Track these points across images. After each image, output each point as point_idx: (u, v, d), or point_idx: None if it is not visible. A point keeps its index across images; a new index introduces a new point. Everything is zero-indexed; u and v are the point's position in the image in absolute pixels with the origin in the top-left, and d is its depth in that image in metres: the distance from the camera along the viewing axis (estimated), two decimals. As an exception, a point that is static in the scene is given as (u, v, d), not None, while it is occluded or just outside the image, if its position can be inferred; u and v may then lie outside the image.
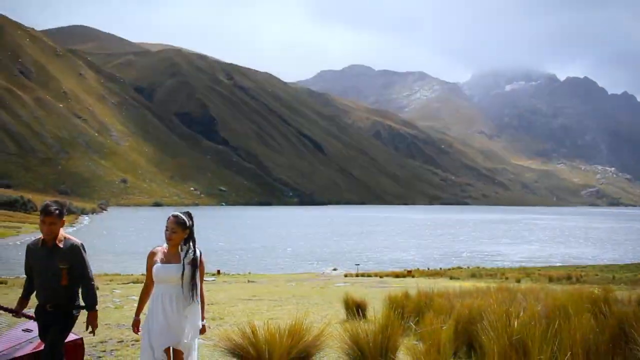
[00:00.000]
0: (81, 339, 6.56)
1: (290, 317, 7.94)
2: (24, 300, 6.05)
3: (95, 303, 5.90)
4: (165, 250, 5.57)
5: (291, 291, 20.95)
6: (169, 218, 5.58)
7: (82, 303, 6.01)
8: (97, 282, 21.57)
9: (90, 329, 5.93)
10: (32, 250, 5.94)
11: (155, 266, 5.48)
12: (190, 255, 5.58)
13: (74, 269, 5.77)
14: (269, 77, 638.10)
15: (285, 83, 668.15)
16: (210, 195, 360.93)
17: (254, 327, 5.95)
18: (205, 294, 5.11)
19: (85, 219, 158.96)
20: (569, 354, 4.83)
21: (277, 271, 56.87)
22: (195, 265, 5.58)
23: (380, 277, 39.61)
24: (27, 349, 6.02)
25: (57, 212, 5.75)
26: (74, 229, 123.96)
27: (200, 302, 5.59)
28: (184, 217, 5.60)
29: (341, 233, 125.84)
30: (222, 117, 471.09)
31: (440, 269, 54.94)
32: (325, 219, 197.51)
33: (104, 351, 7.90)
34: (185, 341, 5.39)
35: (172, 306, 5.37)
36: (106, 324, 10.64)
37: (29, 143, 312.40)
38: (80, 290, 5.99)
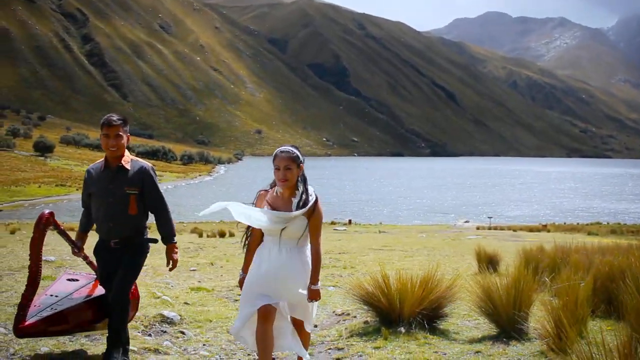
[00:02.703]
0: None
1: (421, 268, 7.92)
2: (83, 235, 5.15)
3: (174, 234, 5.09)
4: (276, 194, 4.60)
5: (422, 242, 20.91)
6: (275, 155, 4.59)
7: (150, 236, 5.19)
8: (233, 229, 22.25)
9: (170, 264, 5.09)
10: (93, 174, 5.03)
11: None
12: (303, 199, 4.53)
13: (146, 196, 4.95)
14: (401, 26, 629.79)
15: (418, 32, 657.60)
16: (343, 145, 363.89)
17: (386, 276, 5.96)
18: (336, 243, 4.85)
19: (221, 169, 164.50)
20: None
21: (408, 222, 56.87)
22: (308, 212, 4.48)
23: (514, 230, 38.78)
24: (78, 298, 5.07)
25: (120, 121, 4.89)
26: (211, 177, 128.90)
27: (312, 261, 4.52)
28: (296, 150, 4.62)
29: (474, 185, 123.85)
30: (354, 68, 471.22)
31: (578, 224, 53.08)
32: (457, 171, 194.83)
33: (240, 294, 8.18)
34: (291, 301, 4.53)
35: (280, 261, 4.47)
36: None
37: (169, 95, 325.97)
38: (148, 224, 5.18)
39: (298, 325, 4.72)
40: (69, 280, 5.42)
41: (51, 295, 5.03)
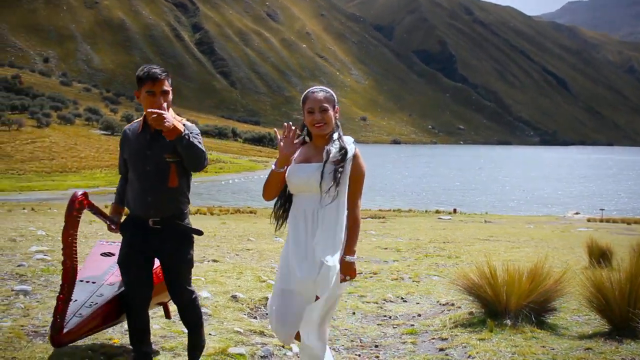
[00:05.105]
0: None
1: (528, 260, 7.74)
2: (119, 207, 4.34)
3: (189, 138, 3.82)
4: (308, 144, 3.84)
5: (529, 233, 20.39)
6: (306, 97, 3.78)
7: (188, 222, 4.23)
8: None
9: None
10: (128, 136, 4.18)
11: (289, 167, 3.75)
12: (335, 148, 3.72)
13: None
14: (510, 11, 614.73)
15: (528, 17, 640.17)
16: (448, 133, 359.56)
17: (493, 267, 5.85)
18: (441, 232, 4.61)
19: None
20: None
21: (514, 212, 55.59)
22: (343, 163, 3.67)
23: (628, 223, 37.20)
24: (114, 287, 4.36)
25: (165, 73, 3.99)
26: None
27: (348, 227, 3.71)
28: (330, 90, 3.85)
29: (584, 176, 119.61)
30: (461, 54, 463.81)
31: (700, 217, 50.36)
32: (567, 160, 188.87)
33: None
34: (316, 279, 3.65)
35: (309, 229, 3.70)
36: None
37: (276, 82, 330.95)
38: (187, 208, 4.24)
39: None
40: (103, 255, 4.82)
41: (86, 282, 4.37)
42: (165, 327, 5.34)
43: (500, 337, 5.23)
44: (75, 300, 4.08)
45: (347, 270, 3.66)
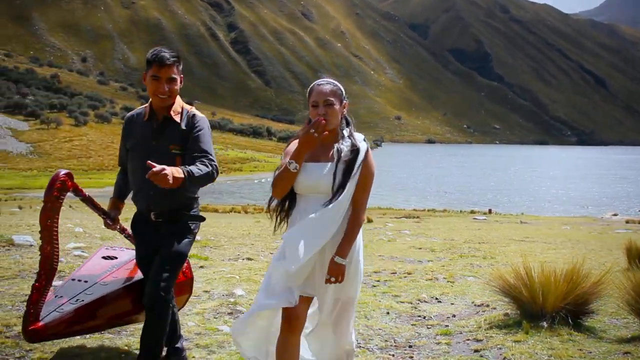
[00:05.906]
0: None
1: (565, 261, 7.64)
2: (117, 201, 4.08)
3: (195, 173, 3.49)
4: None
5: (566, 235, 20.13)
6: (312, 90, 3.55)
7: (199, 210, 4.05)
8: (371, 215, 22.26)
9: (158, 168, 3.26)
10: (133, 123, 4.00)
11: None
12: (346, 147, 3.48)
13: (188, 148, 3.73)
14: (547, 8, 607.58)
15: (565, 14, 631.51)
16: (484, 133, 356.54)
17: (529, 268, 5.79)
18: (476, 233, 4.50)
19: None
20: None
21: (550, 213, 54.96)
22: (353, 163, 3.40)
23: (668, 224, 36.56)
24: (116, 284, 4.02)
25: (174, 59, 3.74)
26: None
27: (347, 227, 3.38)
28: (338, 83, 3.56)
29: (622, 176, 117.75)
30: (496, 53, 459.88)
31: None
32: (605, 161, 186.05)
33: (378, 281, 8.21)
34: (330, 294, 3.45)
35: (318, 232, 3.28)
36: (379, 256, 11.04)
37: (310, 81, 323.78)
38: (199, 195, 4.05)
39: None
40: (105, 258, 4.48)
41: (78, 280, 4.05)
42: (199, 324, 5.37)
43: (536, 339, 5.18)
44: (61, 297, 3.84)
45: (335, 272, 3.31)
